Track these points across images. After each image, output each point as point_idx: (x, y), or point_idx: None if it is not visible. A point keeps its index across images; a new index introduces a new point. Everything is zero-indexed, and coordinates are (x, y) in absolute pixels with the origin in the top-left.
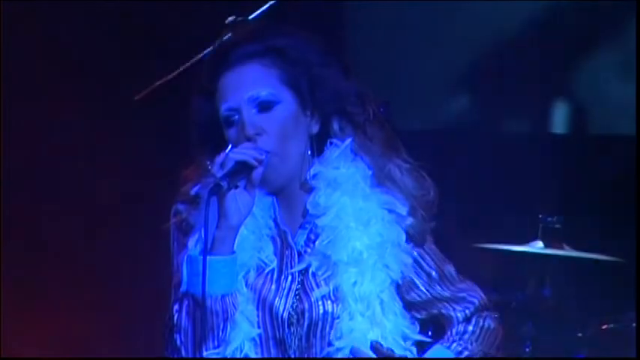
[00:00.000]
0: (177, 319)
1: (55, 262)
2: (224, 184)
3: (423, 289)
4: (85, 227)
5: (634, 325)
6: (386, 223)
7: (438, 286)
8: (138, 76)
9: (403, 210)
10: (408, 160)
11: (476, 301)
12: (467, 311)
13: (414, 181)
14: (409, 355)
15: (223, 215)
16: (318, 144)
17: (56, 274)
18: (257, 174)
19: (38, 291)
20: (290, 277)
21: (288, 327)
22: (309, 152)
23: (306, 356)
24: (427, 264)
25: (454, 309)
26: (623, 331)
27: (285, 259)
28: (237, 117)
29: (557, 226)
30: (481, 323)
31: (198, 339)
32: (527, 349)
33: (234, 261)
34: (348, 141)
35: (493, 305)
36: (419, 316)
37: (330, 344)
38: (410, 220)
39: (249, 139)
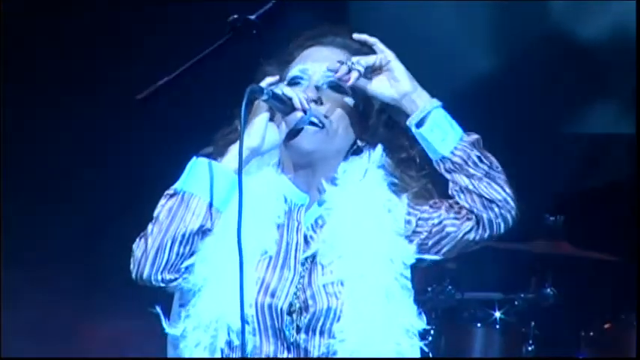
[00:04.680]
0: (158, 213)
1: (54, 262)
2: (266, 90)
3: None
4: (86, 226)
5: (634, 324)
6: (388, 215)
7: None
8: (140, 75)
9: (403, 202)
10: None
11: None
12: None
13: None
14: (413, 350)
15: (247, 132)
16: (356, 153)
17: (55, 274)
18: (293, 117)
19: (38, 291)
20: (294, 267)
21: (289, 315)
22: (347, 156)
23: (303, 347)
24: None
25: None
26: (623, 330)
27: (292, 246)
28: (305, 80)
29: (560, 225)
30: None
31: (170, 235)
32: (530, 348)
33: (224, 172)
34: (379, 152)
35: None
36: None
37: (332, 337)
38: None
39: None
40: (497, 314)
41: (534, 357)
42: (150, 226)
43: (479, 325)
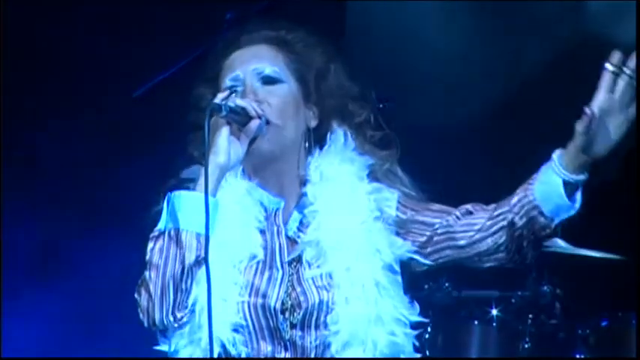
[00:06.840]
0: (150, 257)
1: (52, 260)
2: (224, 106)
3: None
4: (83, 225)
5: (632, 323)
6: (373, 207)
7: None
8: (136, 73)
9: (391, 195)
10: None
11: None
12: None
13: (410, 178)
14: (407, 339)
15: (213, 152)
16: (316, 140)
17: (53, 273)
18: (253, 126)
19: (38, 291)
20: (282, 267)
21: (282, 313)
22: (307, 145)
23: (299, 344)
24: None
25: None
26: (621, 329)
27: (275, 249)
28: (240, 87)
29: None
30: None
31: (169, 276)
32: (527, 345)
33: (201, 199)
34: (349, 140)
35: None
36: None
37: (326, 328)
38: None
39: None
40: (494, 312)
41: (530, 357)
42: (146, 273)
43: (476, 322)
